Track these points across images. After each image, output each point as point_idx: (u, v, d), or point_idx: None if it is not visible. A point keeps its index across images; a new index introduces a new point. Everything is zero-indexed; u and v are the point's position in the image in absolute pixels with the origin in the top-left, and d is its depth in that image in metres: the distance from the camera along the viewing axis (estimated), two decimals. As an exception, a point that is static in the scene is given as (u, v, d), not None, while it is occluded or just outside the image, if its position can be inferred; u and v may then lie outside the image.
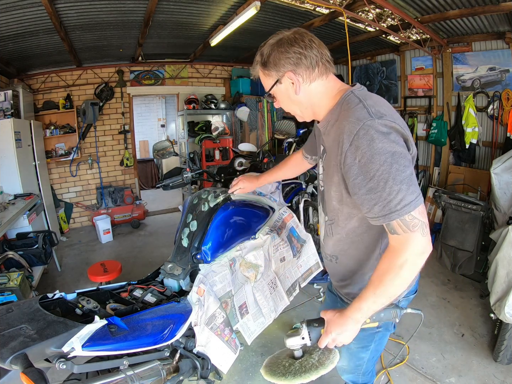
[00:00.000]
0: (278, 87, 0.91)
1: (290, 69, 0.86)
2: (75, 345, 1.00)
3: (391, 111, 0.82)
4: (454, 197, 2.86)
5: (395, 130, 0.77)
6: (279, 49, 0.86)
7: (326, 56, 0.88)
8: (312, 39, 0.87)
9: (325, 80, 0.90)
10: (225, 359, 1.46)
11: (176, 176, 1.94)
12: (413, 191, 0.73)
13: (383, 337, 1.14)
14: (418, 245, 0.74)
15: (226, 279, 1.56)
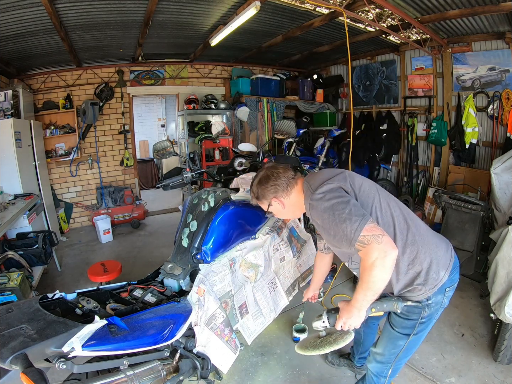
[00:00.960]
0: (271, 208, 1.35)
1: (273, 196, 1.30)
2: (75, 345, 1.00)
3: (323, 177, 1.20)
4: (454, 197, 2.86)
5: (327, 190, 1.13)
6: (261, 187, 1.31)
7: (290, 176, 1.31)
8: (278, 171, 1.31)
9: (295, 188, 1.31)
10: (225, 359, 1.46)
11: (176, 176, 1.94)
12: (355, 220, 1.03)
13: (425, 330, 1.29)
14: (377, 251, 1.00)
15: (226, 279, 1.56)
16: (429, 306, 1.20)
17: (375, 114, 5.05)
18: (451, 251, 1.24)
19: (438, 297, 1.20)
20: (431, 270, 1.15)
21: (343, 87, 5.55)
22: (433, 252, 1.17)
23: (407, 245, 1.15)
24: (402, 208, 1.23)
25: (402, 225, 1.17)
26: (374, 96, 5.10)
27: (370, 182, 1.26)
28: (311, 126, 5.81)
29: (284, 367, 2.01)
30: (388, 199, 1.22)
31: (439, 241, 1.23)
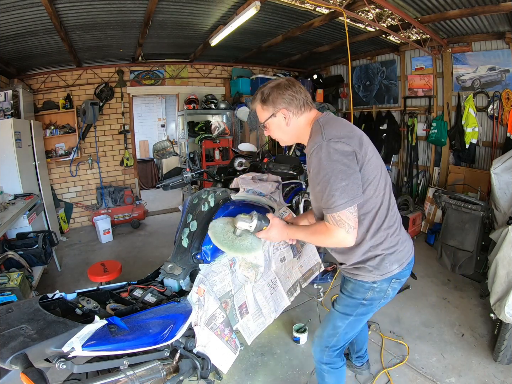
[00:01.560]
0: (272, 120, 1.21)
1: (284, 106, 1.17)
2: (75, 345, 1.00)
3: (343, 131, 1.10)
4: (454, 197, 2.86)
5: (340, 150, 1.05)
6: (278, 91, 1.17)
7: (309, 99, 1.21)
8: (301, 86, 1.20)
9: (307, 114, 1.21)
10: (225, 359, 1.46)
11: (176, 176, 1.94)
12: (343, 197, 1.02)
13: (364, 314, 1.31)
14: (339, 237, 1.08)
15: (226, 279, 1.56)
16: (373, 290, 1.23)
17: (375, 114, 5.05)
18: (411, 252, 1.30)
19: (384, 284, 1.23)
20: (387, 259, 1.19)
21: (343, 87, 5.55)
22: (396, 245, 1.21)
23: (380, 230, 1.18)
24: (391, 194, 1.24)
25: (384, 211, 1.18)
26: (374, 96, 5.10)
27: (378, 156, 1.21)
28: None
29: (284, 367, 2.01)
30: (386, 179, 1.21)
31: (405, 238, 1.27)
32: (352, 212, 1.06)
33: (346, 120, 1.23)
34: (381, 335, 2.25)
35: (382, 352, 2.10)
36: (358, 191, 1.06)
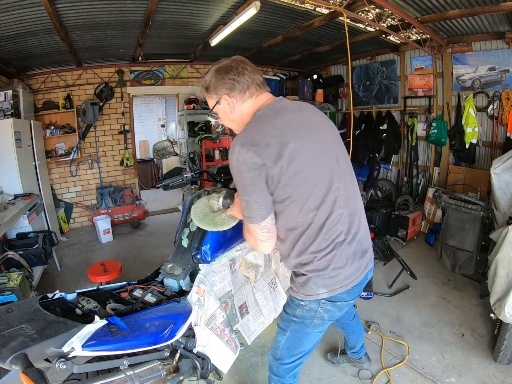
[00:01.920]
0: (218, 107, 1.12)
1: (226, 92, 1.07)
2: (75, 345, 1.00)
3: (263, 135, 0.97)
4: (454, 197, 2.86)
5: (247, 161, 0.94)
6: (217, 75, 1.07)
7: (257, 80, 1.08)
8: (246, 66, 1.07)
9: (254, 99, 1.08)
10: (225, 359, 1.46)
11: (176, 176, 1.93)
12: (246, 211, 1.02)
13: (300, 332, 1.20)
14: (252, 242, 1.13)
15: (226, 279, 1.56)
16: (302, 308, 1.14)
17: (375, 114, 5.05)
18: (351, 281, 1.09)
19: (313, 305, 1.11)
20: (312, 281, 1.07)
21: (343, 87, 5.54)
22: (324, 270, 1.06)
23: (305, 252, 1.05)
24: (332, 215, 1.03)
25: (313, 233, 1.03)
26: (374, 96, 5.10)
27: (320, 172, 1.02)
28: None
29: (284, 367, 2.01)
30: (325, 199, 1.02)
31: (341, 265, 1.06)
32: (260, 228, 1.03)
33: (288, 114, 1.04)
34: (381, 335, 2.25)
35: (382, 352, 2.10)
36: (261, 211, 1.00)
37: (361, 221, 1.14)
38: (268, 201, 1.00)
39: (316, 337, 1.24)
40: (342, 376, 1.93)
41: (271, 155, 0.95)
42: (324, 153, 1.05)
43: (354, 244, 1.09)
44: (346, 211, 1.07)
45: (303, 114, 1.09)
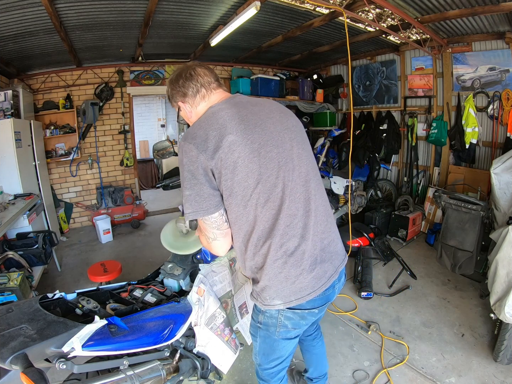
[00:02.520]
0: (181, 113, 1.17)
1: (180, 100, 1.12)
2: (75, 345, 1.00)
3: (204, 129, 0.97)
4: (454, 197, 2.86)
5: (187, 154, 0.95)
6: (171, 85, 1.13)
7: (206, 82, 1.10)
8: (193, 71, 1.09)
9: (207, 101, 1.10)
10: (225, 359, 1.46)
11: (176, 176, 1.94)
12: (188, 207, 0.98)
13: (268, 338, 1.15)
14: (203, 244, 1.11)
15: (226, 279, 1.56)
16: (264, 314, 1.10)
17: (375, 114, 5.05)
18: (308, 294, 1.01)
19: (273, 311, 1.07)
20: (266, 292, 1.03)
21: (343, 87, 5.54)
22: (276, 281, 1.00)
23: (256, 255, 1.01)
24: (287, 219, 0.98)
25: (263, 235, 0.98)
26: (374, 96, 5.10)
27: (259, 167, 0.96)
28: (311, 126, 5.82)
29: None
30: (273, 198, 0.97)
31: (295, 277, 1.00)
32: (208, 223, 1.00)
33: (237, 108, 1.02)
34: (381, 335, 2.25)
35: (382, 352, 2.10)
36: (202, 204, 0.96)
37: (323, 224, 1.06)
38: (210, 195, 0.96)
39: (288, 344, 1.17)
40: (342, 377, 1.93)
41: (209, 147, 0.93)
42: (272, 147, 0.99)
43: (312, 250, 1.02)
44: (300, 212, 1.01)
45: (254, 109, 1.05)
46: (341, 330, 2.35)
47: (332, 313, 2.54)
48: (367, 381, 1.89)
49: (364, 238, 3.51)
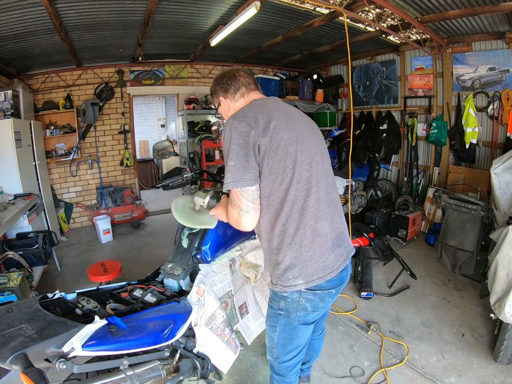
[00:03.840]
0: (220, 108, 1.32)
1: (222, 95, 1.28)
2: (75, 345, 1.00)
3: (254, 112, 1.10)
4: (454, 197, 2.86)
5: (239, 130, 1.06)
6: (216, 82, 1.30)
7: (247, 83, 1.27)
8: (237, 72, 1.28)
9: (245, 98, 1.27)
10: (225, 359, 1.46)
11: (176, 176, 1.93)
12: (229, 177, 1.05)
13: (288, 326, 1.22)
14: (232, 217, 1.13)
15: (226, 279, 1.56)
16: (285, 299, 1.15)
17: (375, 114, 5.05)
18: (329, 272, 1.12)
19: (295, 295, 1.13)
20: (289, 272, 1.10)
21: (343, 87, 5.55)
22: (302, 259, 1.09)
23: (285, 233, 1.09)
24: (315, 200, 1.10)
25: (294, 213, 1.08)
26: (374, 96, 5.10)
27: (297, 152, 1.09)
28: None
29: (284, 367, 2.01)
30: (301, 178, 1.08)
31: (324, 253, 1.11)
32: (244, 195, 1.06)
33: (278, 104, 1.23)
34: (381, 335, 2.25)
35: (382, 352, 2.10)
36: (245, 175, 1.04)
37: (338, 215, 1.21)
38: (253, 168, 1.06)
39: (306, 330, 1.25)
40: (341, 377, 1.93)
41: (259, 126, 1.06)
42: (306, 139, 1.14)
43: (332, 234, 1.15)
44: (325, 199, 1.14)
45: (290, 108, 1.25)
46: (341, 330, 2.36)
47: (332, 313, 2.54)
48: (363, 378, 1.90)
49: (364, 238, 3.51)
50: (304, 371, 1.72)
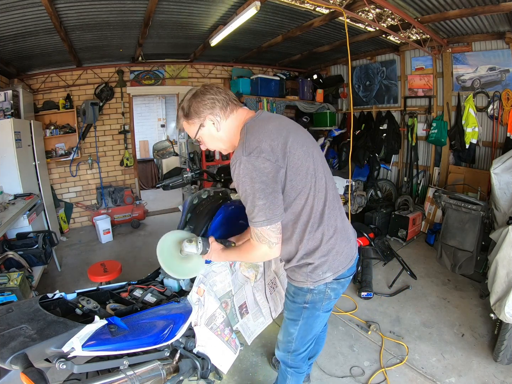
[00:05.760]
0: (202, 131, 1.14)
1: (209, 112, 1.11)
2: (75, 345, 1.00)
3: (266, 141, 1.02)
4: (454, 197, 2.86)
5: (259, 167, 0.99)
6: (196, 99, 1.10)
7: (232, 96, 1.15)
8: (218, 87, 1.14)
9: (235, 114, 1.14)
10: (225, 359, 1.47)
11: (176, 176, 1.94)
12: (261, 216, 1.02)
13: (311, 317, 1.28)
14: (261, 252, 1.10)
15: (226, 279, 1.56)
16: (311, 292, 1.21)
17: (375, 114, 5.05)
18: (350, 259, 1.24)
19: (321, 287, 1.20)
20: (319, 269, 1.16)
21: (343, 87, 5.54)
22: (330, 256, 1.17)
23: (312, 239, 1.14)
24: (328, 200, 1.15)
25: (317, 219, 1.12)
26: (374, 96, 5.10)
27: (311, 160, 1.11)
28: (311, 126, 5.82)
29: (284, 367, 2.01)
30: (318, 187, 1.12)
31: (342, 248, 1.20)
32: (274, 230, 1.06)
33: (275, 121, 1.13)
34: (381, 335, 2.25)
35: (382, 352, 2.10)
36: (277, 211, 1.03)
37: (342, 209, 1.28)
38: (281, 200, 1.06)
39: (325, 317, 1.34)
40: (341, 377, 1.93)
41: (278, 156, 1.02)
42: (312, 149, 1.15)
43: (347, 226, 1.26)
44: (335, 199, 1.21)
45: (285, 121, 1.19)
46: (341, 330, 2.36)
47: (332, 313, 2.53)
48: (363, 378, 1.90)
49: (364, 238, 3.51)
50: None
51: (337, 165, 5.19)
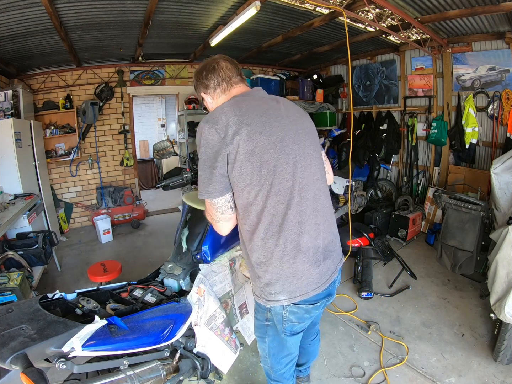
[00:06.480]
0: (205, 103, 1.23)
1: (203, 91, 1.19)
2: (75, 345, 1.00)
3: (227, 115, 0.98)
4: (454, 197, 2.85)
5: (207, 138, 0.98)
6: (196, 77, 1.20)
7: (228, 76, 1.15)
8: (216, 64, 1.15)
9: (227, 94, 1.15)
10: (225, 359, 1.47)
11: (176, 176, 1.93)
12: (201, 186, 1.01)
13: (277, 335, 1.17)
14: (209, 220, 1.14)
15: (226, 279, 1.56)
16: (269, 311, 1.11)
17: (375, 114, 5.05)
18: (313, 290, 1.04)
19: (277, 308, 1.07)
20: (271, 287, 1.03)
21: (343, 87, 5.54)
22: (283, 275, 1.02)
23: (264, 249, 1.01)
24: (299, 216, 1.01)
25: (272, 227, 0.99)
26: (374, 96, 5.10)
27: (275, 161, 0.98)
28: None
29: (284, 367, 2.01)
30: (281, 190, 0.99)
31: (309, 269, 1.02)
32: (214, 206, 1.04)
33: (258, 101, 1.07)
34: (381, 335, 2.25)
35: (382, 352, 2.10)
36: (208, 188, 0.99)
37: (326, 223, 1.10)
38: (218, 180, 0.98)
39: (296, 339, 1.20)
40: (342, 377, 1.93)
41: (228, 133, 0.95)
42: (288, 143, 1.02)
43: (318, 247, 1.05)
44: (310, 209, 1.04)
45: (275, 105, 1.09)
46: (341, 330, 2.36)
47: (332, 313, 2.54)
48: (363, 378, 1.89)
49: (364, 238, 3.52)
50: (302, 372, 1.72)
51: (337, 165, 5.19)
